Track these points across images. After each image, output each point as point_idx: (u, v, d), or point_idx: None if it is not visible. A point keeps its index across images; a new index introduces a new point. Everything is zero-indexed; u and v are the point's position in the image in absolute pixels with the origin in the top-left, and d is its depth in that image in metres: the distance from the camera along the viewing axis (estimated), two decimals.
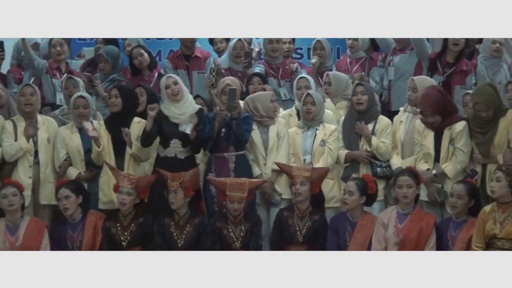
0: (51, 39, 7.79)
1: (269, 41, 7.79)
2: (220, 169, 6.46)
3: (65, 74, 7.58)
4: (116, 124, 6.55)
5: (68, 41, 7.88)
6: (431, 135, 6.33)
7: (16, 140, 6.59)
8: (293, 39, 8.20)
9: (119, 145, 6.52)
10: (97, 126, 6.57)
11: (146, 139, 6.40)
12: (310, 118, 6.65)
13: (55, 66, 7.71)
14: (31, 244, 6.09)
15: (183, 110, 6.48)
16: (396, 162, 6.51)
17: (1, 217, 6.23)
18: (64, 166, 6.62)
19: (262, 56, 8.13)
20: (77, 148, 6.62)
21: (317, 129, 6.64)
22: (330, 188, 6.50)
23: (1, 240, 6.12)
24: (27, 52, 7.46)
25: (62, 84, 7.47)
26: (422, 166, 6.30)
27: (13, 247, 6.07)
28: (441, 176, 6.27)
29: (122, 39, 8.31)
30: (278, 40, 7.78)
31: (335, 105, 6.95)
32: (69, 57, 8.14)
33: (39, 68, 7.56)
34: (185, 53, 7.97)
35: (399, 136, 6.58)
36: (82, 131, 6.62)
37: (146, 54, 7.72)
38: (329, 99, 7.00)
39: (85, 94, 6.84)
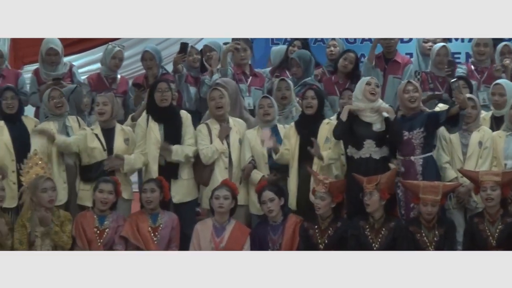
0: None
1: (476, 44, 7.58)
2: (407, 172, 6.37)
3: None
4: (307, 126, 6.67)
5: (251, 45, 8.04)
6: None
7: (211, 143, 6.82)
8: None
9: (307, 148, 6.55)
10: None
11: (342, 130, 6.42)
12: None
13: (240, 71, 7.85)
14: (234, 248, 6.28)
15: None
16: None
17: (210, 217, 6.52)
18: (247, 168, 6.78)
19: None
20: (262, 151, 6.76)
21: None
22: None
23: (207, 239, 6.37)
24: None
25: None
26: None
27: (217, 248, 6.30)
28: None
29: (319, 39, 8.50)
30: (485, 44, 7.49)
31: None
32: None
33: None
34: (387, 57, 8.00)
35: None
36: None
37: (353, 64, 7.79)
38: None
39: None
